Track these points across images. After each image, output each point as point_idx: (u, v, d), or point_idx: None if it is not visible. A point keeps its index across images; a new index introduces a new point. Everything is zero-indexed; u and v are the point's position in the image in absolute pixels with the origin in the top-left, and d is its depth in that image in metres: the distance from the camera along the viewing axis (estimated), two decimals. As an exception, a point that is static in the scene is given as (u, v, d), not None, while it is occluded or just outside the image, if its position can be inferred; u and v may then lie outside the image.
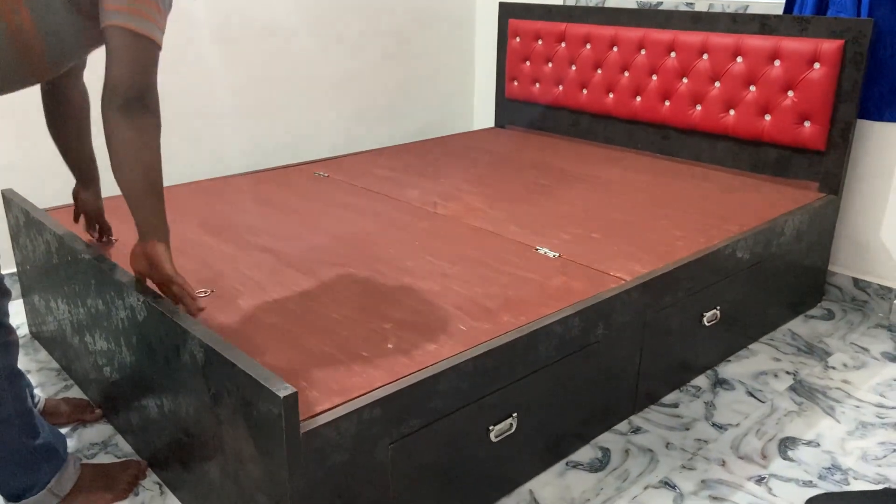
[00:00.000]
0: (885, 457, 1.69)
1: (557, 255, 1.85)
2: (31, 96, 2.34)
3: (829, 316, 2.39)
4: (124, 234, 1.97)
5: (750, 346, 2.18)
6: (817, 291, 2.46)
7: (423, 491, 1.38)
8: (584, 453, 1.69)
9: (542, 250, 1.88)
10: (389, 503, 1.33)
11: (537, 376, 1.52)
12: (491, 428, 1.47)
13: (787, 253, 2.20)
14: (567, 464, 1.65)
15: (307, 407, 1.22)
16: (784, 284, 2.25)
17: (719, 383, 1.98)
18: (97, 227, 1.86)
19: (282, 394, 1.11)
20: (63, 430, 1.77)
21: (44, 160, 2.46)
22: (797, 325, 2.32)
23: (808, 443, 1.73)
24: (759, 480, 1.61)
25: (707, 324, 1.95)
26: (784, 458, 1.68)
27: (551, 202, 2.28)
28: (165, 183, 2.48)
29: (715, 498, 1.55)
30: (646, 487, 1.58)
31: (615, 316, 1.66)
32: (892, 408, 1.88)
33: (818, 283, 2.45)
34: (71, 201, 2.25)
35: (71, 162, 1.72)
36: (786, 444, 1.73)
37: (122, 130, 1.30)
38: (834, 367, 2.07)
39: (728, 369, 2.05)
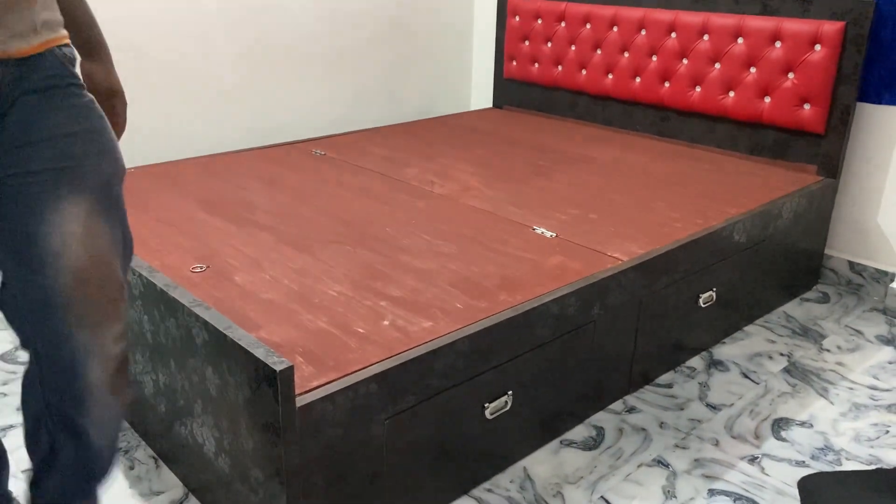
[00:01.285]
0: (877, 438, 1.70)
1: (554, 235, 1.85)
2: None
3: (825, 299, 2.40)
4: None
5: (745, 328, 2.19)
6: (813, 274, 2.46)
7: (417, 466, 1.39)
8: (579, 432, 1.70)
9: (539, 230, 1.88)
10: (384, 478, 1.34)
11: (533, 355, 1.53)
12: (486, 405, 1.47)
13: (785, 236, 2.20)
14: (561, 442, 1.66)
15: (303, 382, 1.22)
16: (780, 267, 2.25)
17: (714, 364, 1.99)
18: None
19: (278, 368, 1.11)
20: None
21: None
22: (792, 307, 2.33)
23: (802, 423, 1.74)
24: (752, 460, 1.62)
25: (703, 305, 1.95)
26: (777, 439, 1.69)
27: (549, 183, 2.27)
28: (162, 159, 2.47)
29: (707, 476, 1.56)
30: (639, 466, 1.59)
31: (611, 296, 1.66)
32: (886, 390, 1.89)
33: (814, 266, 2.45)
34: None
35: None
36: (779, 425, 1.74)
37: None
38: (828, 350, 2.08)
39: (723, 350, 2.06)
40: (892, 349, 2.09)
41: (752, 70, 2.44)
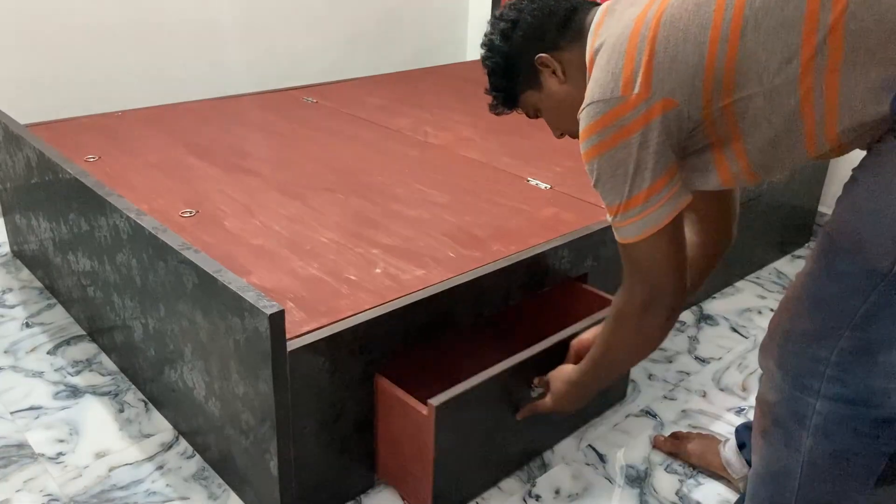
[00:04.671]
0: (861, 392, 1.72)
1: (549, 186, 1.83)
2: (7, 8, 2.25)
3: (816, 256, 2.40)
4: (106, 151, 1.93)
5: (736, 284, 2.19)
6: (805, 231, 2.46)
7: (456, 446, 1.35)
8: (568, 382, 1.71)
9: (534, 182, 1.86)
10: (374, 424, 1.34)
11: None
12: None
13: (779, 192, 2.19)
14: (551, 392, 1.67)
15: (294, 327, 1.21)
16: (773, 224, 2.25)
17: (704, 319, 2.00)
18: None
19: (268, 311, 1.10)
20: (46, 349, 1.76)
21: (23, 74, 2.38)
22: (783, 264, 2.33)
23: (788, 377, 1.76)
24: (739, 412, 1.64)
25: (695, 260, 1.95)
26: (764, 391, 1.71)
27: (545, 135, 2.23)
28: (149, 103, 2.42)
29: (694, 427, 1.58)
30: (627, 416, 1.61)
31: (605, 248, 1.65)
32: (872, 346, 1.91)
33: (807, 224, 2.45)
34: (51, 118, 2.18)
35: None
36: (766, 378, 1.76)
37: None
38: (817, 306, 2.09)
39: (713, 305, 2.07)
40: (881, 307, 2.10)
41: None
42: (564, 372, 1.29)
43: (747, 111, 0.92)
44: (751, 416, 1.62)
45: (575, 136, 1.13)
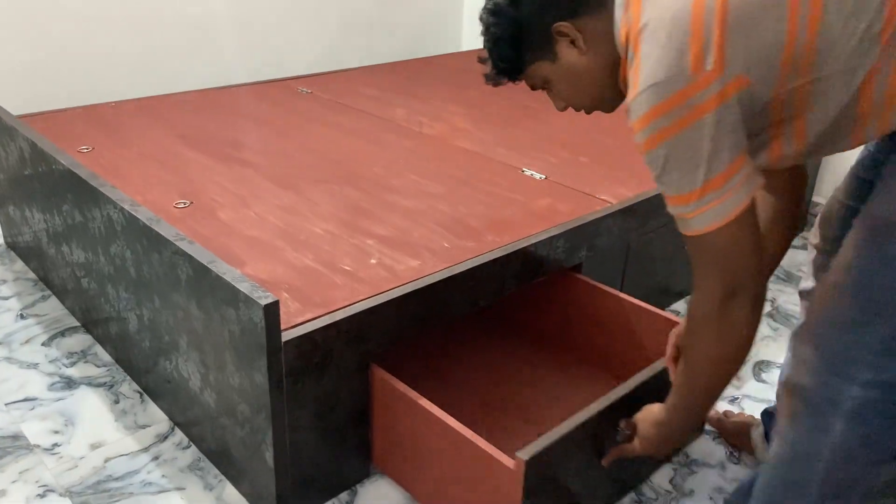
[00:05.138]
0: (854, 381, 1.73)
1: (544, 177, 1.83)
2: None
3: (810, 246, 2.41)
4: (100, 142, 1.92)
5: (730, 274, 2.20)
6: (799, 221, 2.46)
7: (545, 495, 1.27)
8: (563, 372, 1.71)
9: (529, 172, 1.86)
10: (369, 415, 1.35)
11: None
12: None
13: (773, 182, 2.19)
14: (546, 382, 1.68)
15: (289, 317, 1.21)
16: (768, 214, 2.25)
17: (698, 309, 2.01)
18: None
19: (263, 302, 1.10)
20: (41, 341, 1.76)
21: (16, 65, 2.37)
22: (778, 254, 2.34)
23: (782, 366, 1.77)
24: (732, 401, 1.64)
25: (690, 250, 1.95)
26: (758, 381, 1.72)
27: (540, 125, 2.24)
28: (143, 93, 2.40)
29: (688, 416, 1.59)
30: (622, 405, 1.61)
31: (599, 239, 1.66)
32: (865, 335, 1.92)
33: (801, 213, 2.45)
34: (44, 108, 2.17)
35: None
36: (760, 367, 1.76)
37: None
38: (811, 296, 2.10)
39: (707, 295, 2.07)
40: (874, 296, 2.11)
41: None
42: (652, 413, 1.17)
43: (820, 92, 0.87)
44: (745, 405, 1.63)
45: (589, 110, 1.09)
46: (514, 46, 1.03)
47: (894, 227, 0.91)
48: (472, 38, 3.50)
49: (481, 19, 1.05)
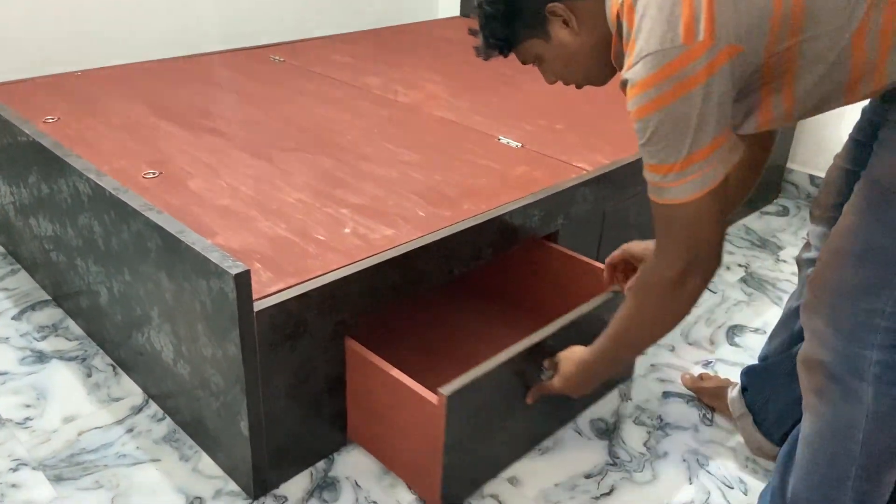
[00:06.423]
0: (825, 344, 1.75)
1: (520, 145, 1.82)
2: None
3: (784, 212, 2.43)
4: (66, 112, 1.87)
5: (705, 241, 2.21)
6: (774, 188, 2.49)
7: (468, 433, 1.30)
8: (540, 340, 1.72)
9: (505, 140, 1.85)
10: (345, 384, 1.34)
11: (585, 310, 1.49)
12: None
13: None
14: (522, 349, 1.69)
15: (261, 287, 1.20)
16: (743, 181, 2.26)
17: (673, 275, 2.02)
18: None
19: (233, 271, 1.08)
20: (11, 315, 1.73)
21: (-25, 34, 2.29)
22: (752, 220, 2.36)
23: (755, 330, 1.79)
24: (706, 364, 1.66)
25: (665, 217, 1.96)
26: (731, 345, 1.74)
27: (516, 93, 2.22)
28: (111, 62, 2.34)
29: (662, 380, 1.61)
30: (597, 371, 1.63)
31: (575, 207, 1.65)
32: (836, 300, 1.94)
33: (775, 180, 2.47)
34: (6, 78, 2.11)
35: None
36: (733, 332, 1.79)
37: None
38: (785, 261, 2.12)
39: (683, 262, 2.09)
40: (846, 261, 2.14)
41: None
42: (576, 353, 1.23)
43: (808, 52, 0.88)
44: (718, 368, 1.65)
45: (580, 85, 1.10)
46: (506, 24, 1.05)
47: (892, 189, 0.91)
48: (448, 4, 3.45)
49: None
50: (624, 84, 0.92)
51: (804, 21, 0.86)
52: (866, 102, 1.01)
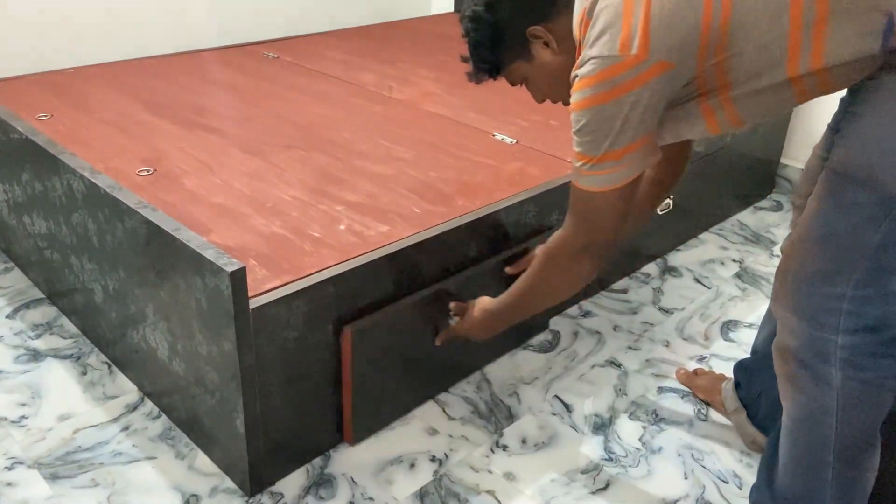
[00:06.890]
0: (819, 339, 1.76)
1: (515, 141, 1.82)
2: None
3: (778, 207, 2.44)
4: (59, 109, 1.86)
5: (700, 236, 2.22)
6: (768, 183, 2.49)
7: (375, 370, 1.39)
8: (535, 336, 1.73)
9: (500, 136, 1.85)
10: (340, 382, 1.34)
11: (493, 261, 1.52)
12: (451, 314, 1.47)
13: (742, 145, 2.20)
14: (518, 347, 1.69)
15: (256, 284, 1.20)
16: (736, 176, 2.27)
17: (668, 270, 2.03)
18: None
19: (229, 269, 1.08)
20: (5, 313, 1.73)
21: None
22: (746, 215, 2.37)
23: (749, 325, 1.80)
24: (701, 359, 1.67)
25: (659, 212, 1.96)
26: (725, 339, 1.75)
27: (510, 89, 2.20)
28: (104, 59, 2.33)
29: (657, 375, 1.61)
30: (592, 366, 1.63)
31: (570, 201, 1.66)
32: (830, 294, 1.95)
33: (769, 175, 2.48)
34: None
35: None
36: (728, 327, 1.79)
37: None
38: (778, 256, 2.13)
39: (677, 257, 2.10)
40: (839, 256, 2.15)
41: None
42: (483, 302, 1.34)
43: (738, 65, 0.95)
44: (712, 363, 1.66)
45: (566, 102, 1.14)
46: (492, 49, 1.14)
47: (848, 176, 0.94)
48: (441, 1, 3.44)
49: (462, 25, 1.15)
50: (573, 80, 1.01)
51: (730, 38, 0.93)
52: (844, 92, 1.03)
